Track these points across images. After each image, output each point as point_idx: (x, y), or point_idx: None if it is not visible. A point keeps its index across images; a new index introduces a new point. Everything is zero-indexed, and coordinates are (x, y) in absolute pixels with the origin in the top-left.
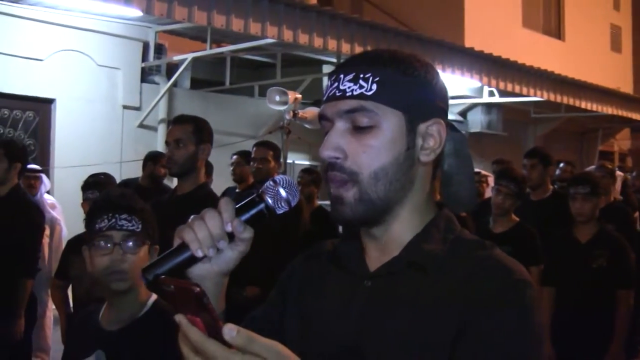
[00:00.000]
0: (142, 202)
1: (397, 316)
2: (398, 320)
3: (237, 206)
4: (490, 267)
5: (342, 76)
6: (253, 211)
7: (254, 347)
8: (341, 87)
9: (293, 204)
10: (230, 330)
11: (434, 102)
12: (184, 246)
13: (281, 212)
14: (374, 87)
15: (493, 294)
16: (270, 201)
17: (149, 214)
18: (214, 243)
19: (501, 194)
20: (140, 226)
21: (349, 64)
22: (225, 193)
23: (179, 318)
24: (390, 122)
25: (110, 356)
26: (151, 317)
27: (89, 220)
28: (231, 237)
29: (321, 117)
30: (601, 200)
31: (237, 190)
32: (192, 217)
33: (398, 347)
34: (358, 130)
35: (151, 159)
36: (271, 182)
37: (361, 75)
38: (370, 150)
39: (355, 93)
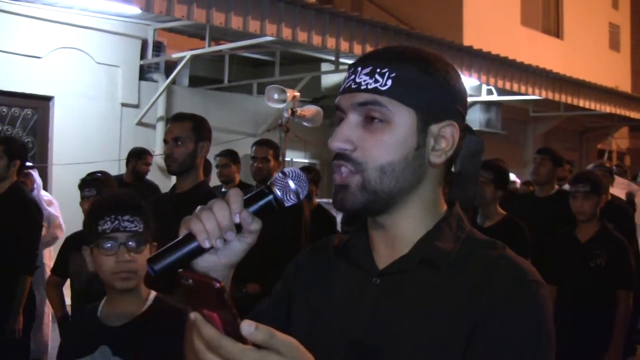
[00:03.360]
0: (142, 201)
1: (409, 314)
2: (410, 319)
3: (245, 197)
4: (502, 267)
5: (359, 69)
6: (262, 202)
7: (274, 342)
8: (357, 80)
9: (302, 196)
10: (248, 326)
11: (450, 104)
12: (190, 237)
13: (289, 204)
14: (389, 82)
15: (505, 293)
16: (279, 193)
17: (148, 212)
18: (221, 234)
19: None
20: (142, 226)
21: (369, 58)
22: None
23: (194, 315)
24: (402, 119)
25: (116, 351)
26: (153, 312)
27: (91, 221)
28: (239, 228)
29: (336, 107)
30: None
31: (223, 190)
32: (199, 207)
33: (411, 345)
34: (369, 124)
35: (134, 155)
36: (280, 174)
37: (378, 70)
38: (380, 144)
39: (369, 87)
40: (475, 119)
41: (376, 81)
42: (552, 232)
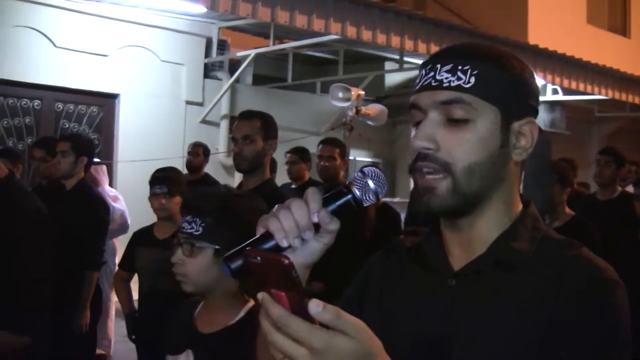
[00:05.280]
0: (216, 202)
1: (485, 316)
2: (486, 320)
3: (324, 197)
4: (579, 267)
5: (439, 66)
6: (340, 202)
7: (340, 323)
8: (438, 77)
9: (381, 196)
10: (316, 306)
11: (527, 100)
12: (268, 235)
13: (368, 204)
14: (472, 80)
15: (582, 292)
16: (358, 193)
17: (228, 214)
18: (299, 233)
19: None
20: (200, 229)
21: (446, 55)
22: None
23: (262, 295)
24: (486, 117)
25: (198, 358)
26: (244, 325)
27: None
28: (317, 228)
29: (412, 105)
30: None
31: (292, 187)
32: (276, 206)
33: (487, 345)
34: (452, 122)
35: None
36: (359, 174)
37: (460, 67)
38: (465, 144)
39: (453, 84)
40: (539, 119)
41: (459, 78)
42: (613, 235)
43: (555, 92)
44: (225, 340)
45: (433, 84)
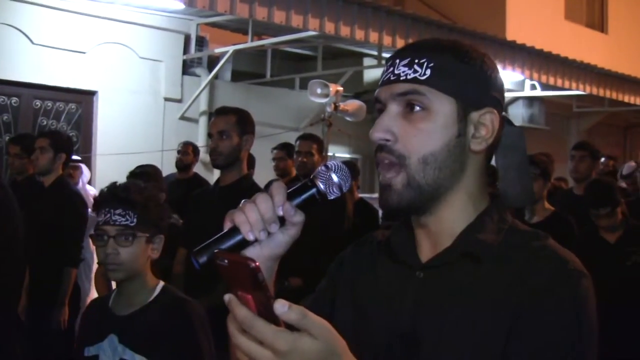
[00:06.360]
0: (143, 194)
1: (453, 307)
2: (453, 311)
3: (288, 190)
4: (545, 257)
5: (397, 61)
6: (305, 195)
7: (306, 323)
8: (396, 72)
9: (345, 189)
10: (282, 306)
11: (488, 91)
12: (234, 229)
13: (333, 197)
14: (428, 72)
15: (548, 283)
16: (322, 186)
17: (150, 204)
18: (265, 226)
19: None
20: (135, 219)
21: (406, 50)
22: (269, 186)
23: (228, 297)
24: (442, 107)
25: (122, 339)
26: (160, 302)
27: (95, 213)
28: (282, 221)
29: (376, 100)
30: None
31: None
32: (243, 201)
33: (454, 337)
34: (410, 114)
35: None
36: (323, 167)
37: (416, 60)
38: (421, 134)
39: (409, 77)
40: (518, 114)
41: (415, 71)
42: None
43: (533, 87)
44: (146, 316)
45: (391, 78)
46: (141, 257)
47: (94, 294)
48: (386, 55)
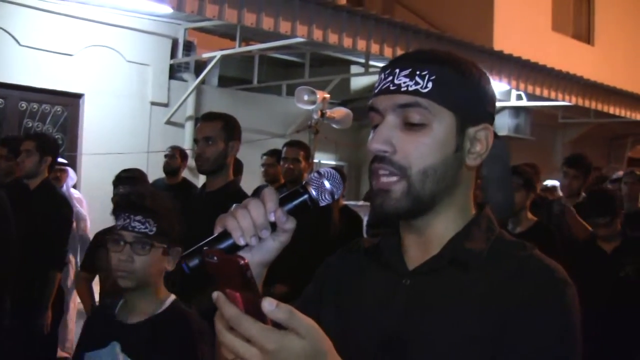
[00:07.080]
0: (165, 203)
1: (438, 314)
2: (439, 318)
3: (280, 197)
4: (531, 267)
5: (397, 70)
6: (296, 202)
7: (293, 321)
8: (396, 82)
9: (337, 196)
10: (269, 304)
11: (484, 107)
12: (225, 234)
13: (324, 204)
14: (430, 85)
15: (533, 292)
16: (314, 192)
17: (171, 215)
18: (256, 232)
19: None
20: (154, 229)
21: (406, 59)
22: (257, 191)
23: (217, 294)
24: (442, 121)
25: (125, 348)
26: (168, 315)
27: (114, 215)
28: (273, 227)
29: (371, 108)
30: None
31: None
32: (234, 205)
33: (440, 344)
34: (409, 126)
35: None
36: (316, 174)
37: (418, 72)
38: (421, 147)
39: (410, 89)
40: (504, 124)
41: (417, 83)
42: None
43: (519, 97)
44: (152, 328)
45: (391, 87)
46: (154, 267)
47: (76, 299)
48: (374, 63)
